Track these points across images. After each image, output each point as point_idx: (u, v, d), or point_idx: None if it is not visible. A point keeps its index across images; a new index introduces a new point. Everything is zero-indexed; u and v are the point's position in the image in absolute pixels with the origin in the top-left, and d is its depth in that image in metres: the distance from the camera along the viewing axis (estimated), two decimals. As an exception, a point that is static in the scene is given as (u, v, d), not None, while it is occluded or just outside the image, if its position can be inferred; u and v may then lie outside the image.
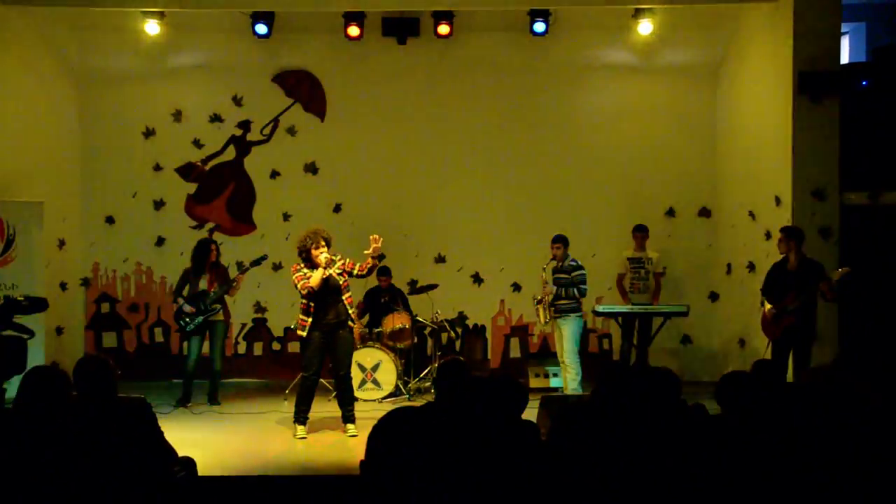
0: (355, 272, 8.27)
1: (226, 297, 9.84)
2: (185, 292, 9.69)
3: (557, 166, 11.74)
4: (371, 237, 8.15)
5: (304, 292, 8.14)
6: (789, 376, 8.59)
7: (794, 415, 4.25)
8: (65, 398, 4.46)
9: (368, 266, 8.30)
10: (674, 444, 3.98)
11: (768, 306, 8.90)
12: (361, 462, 2.93)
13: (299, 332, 8.27)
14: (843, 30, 11.34)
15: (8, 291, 9.31)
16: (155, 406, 4.89)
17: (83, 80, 11.61)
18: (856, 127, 9.79)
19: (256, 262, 9.92)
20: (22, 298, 8.13)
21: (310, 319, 8.16)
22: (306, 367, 8.29)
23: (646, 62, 11.72)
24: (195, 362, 9.75)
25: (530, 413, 4.84)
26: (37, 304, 8.25)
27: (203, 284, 9.72)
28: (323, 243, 8.10)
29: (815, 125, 9.64)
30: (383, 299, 10.76)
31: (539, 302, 9.66)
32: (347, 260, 8.30)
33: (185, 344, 9.87)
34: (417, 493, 2.74)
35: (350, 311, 8.33)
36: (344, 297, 8.28)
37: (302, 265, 8.23)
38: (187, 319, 9.60)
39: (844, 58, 10.46)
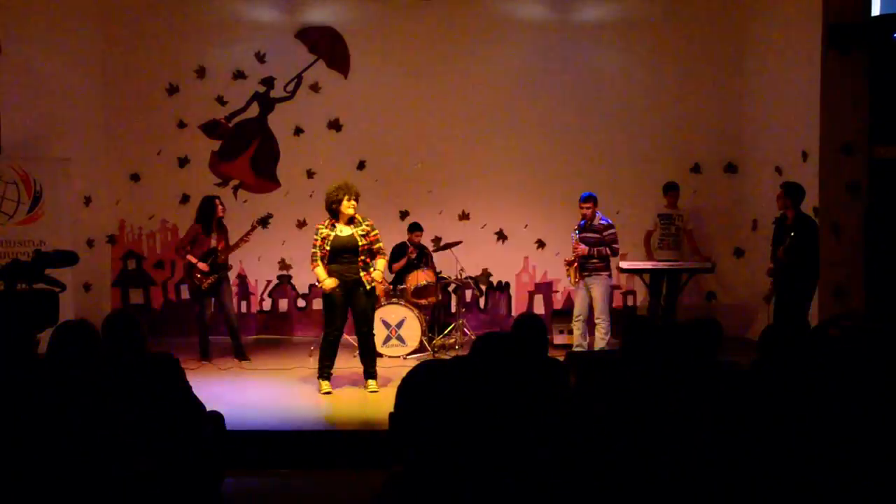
0: (373, 247, 8.31)
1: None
2: (190, 249, 9.71)
3: (582, 122, 11.65)
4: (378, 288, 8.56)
5: (311, 259, 8.28)
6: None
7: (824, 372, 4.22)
8: (94, 352, 4.48)
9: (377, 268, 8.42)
10: (707, 401, 3.96)
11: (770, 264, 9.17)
12: (390, 414, 2.93)
13: (319, 285, 8.31)
14: (874, -19, 11.12)
15: (37, 248, 9.36)
16: (181, 362, 4.91)
17: (106, 36, 11.58)
18: (886, 80, 9.60)
19: (262, 222, 9.97)
20: (52, 251, 8.18)
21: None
22: (328, 324, 8.32)
23: (672, 15, 11.57)
24: (209, 319, 9.83)
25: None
26: (67, 258, 8.28)
27: (212, 242, 9.75)
28: (353, 197, 8.14)
29: (844, 78, 9.46)
30: (411, 255, 10.74)
31: (570, 263, 9.60)
32: (375, 235, 8.33)
33: (197, 302, 9.88)
34: (448, 444, 2.73)
35: (366, 272, 8.30)
36: (360, 258, 8.27)
37: (326, 222, 8.23)
38: (199, 277, 9.63)
39: (875, 9, 10.23)
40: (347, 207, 8.14)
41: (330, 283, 8.15)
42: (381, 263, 8.39)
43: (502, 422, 3.19)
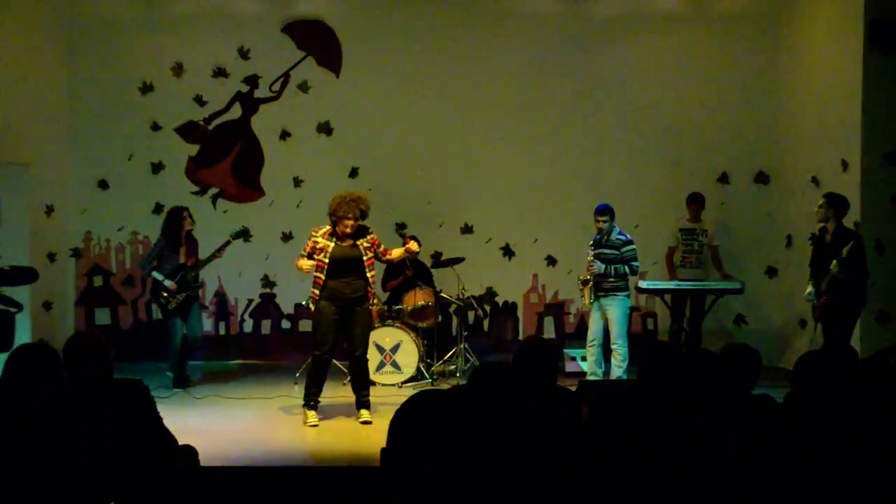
0: (379, 252, 8.30)
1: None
2: (157, 265, 9.71)
3: (597, 127, 11.65)
4: (410, 246, 8.50)
5: (297, 259, 8.31)
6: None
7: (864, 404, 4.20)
8: (54, 379, 4.46)
9: (396, 258, 8.62)
10: (734, 437, 3.93)
11: (808, 288, 8.97)
12: (382, 450, 2.91)
13: (311, 306, 8.29)
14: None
15: (-8, 263, 9.35)
16: (152, 389, 4.89)
17: (74, 30, 11.59)
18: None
19: (237, 235, 9.98)
20: (8, 268, 8.16)
21: (317, 291, 8.18)
22: (318, 345, 8.27)
23: (698, 10, 11.59)
24: (182, 341, 9.83)
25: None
26: (25, 275, 8.26)
27: (180, 257, 9.75)
28: (351, 216, 8.05)
29: (887, 80, 9.49)
30: (407, 272, 10.69)
31: (585, 283, 9.57)
32: (377, 239, 8.33)
33: (168, 323, 9.85)
34: (445, 484, 2.71)
35: (370, 290, 8.33)
36: (368, 275, 8.26)
37: (322, 230, 8.19)
38: (166, 296, 9.62)
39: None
40: (345, 227, 8.12)
41: (306, 263, 8.14)
42: (396, 252, 8.51)
43: (505, 460, 3.16)
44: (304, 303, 8.66)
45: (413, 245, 8.54)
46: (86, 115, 11.66)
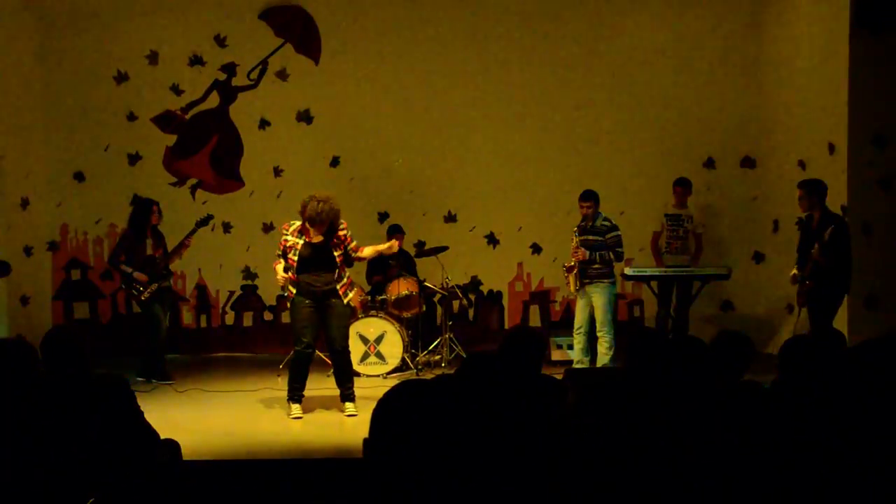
0: (350, 248, 8.22)
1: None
2: (124, 259, 9.70)
3: (582, 111, 11.66)
4: (392, 245, 8.52)
5: (274, 262, 8.29)
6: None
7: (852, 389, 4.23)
8: (32, 375, 4.46)
9: (368, 257, 8.53)
10: (722, 424, 3.96)
11: (793, 270, 9.02)
12: (365, 440, 2.92)
13: (287, 293, 8.30)
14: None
15: (-35, 258, 9.32)
16: (132, 383, 4.88)
17: (46, 17, 11.53)
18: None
19: (202, 223, 9.95)
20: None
21: (293, 288, 8.19)
22: (298, 340, 8.30)
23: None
24: (165, 332, 9.86)
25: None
26: (-2, 268, 8.24)
27: (148, 249, 9.73)
28: (320, 220, 8.01)
29: (875, 61, 9.52)
30: (391, 262, 10.68)
31: (570, 270, 9.60)
32: (350, 235, 8.25)
33: (148, 313, 9.83)
34: (428, 475, 2.73)
35: (342, 283, 8.29)
36: (336, 270, 8.23)
37: (292, 227, 8.17)
38: (140, 288, 9.61)
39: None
40: (314, 234, 8.12)
41: (281, 277, 8.14)
42: (368, 250, 8.38)
43: (491, 449, 3.18)
44: (283, 294, 8.66)
45: (395, 245, 8.56)
46: (59, 106, 11.60)
